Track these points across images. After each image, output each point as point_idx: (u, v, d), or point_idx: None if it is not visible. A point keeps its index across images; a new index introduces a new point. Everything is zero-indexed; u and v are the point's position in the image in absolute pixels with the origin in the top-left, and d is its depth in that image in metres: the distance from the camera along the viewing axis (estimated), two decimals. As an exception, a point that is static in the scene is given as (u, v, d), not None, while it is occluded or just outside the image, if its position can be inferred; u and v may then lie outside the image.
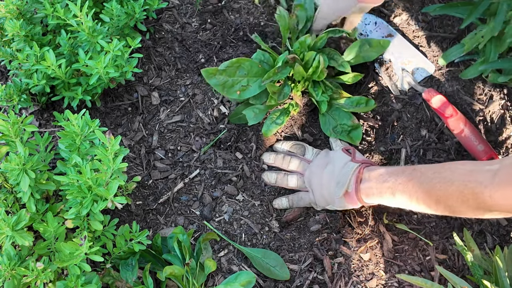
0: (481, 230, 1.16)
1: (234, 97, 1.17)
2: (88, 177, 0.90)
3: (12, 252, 0.92)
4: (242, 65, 1.17)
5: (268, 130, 1.19)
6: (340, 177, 1.08)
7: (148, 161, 1.22)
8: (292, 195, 1.17)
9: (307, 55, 1.18)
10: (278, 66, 1.15)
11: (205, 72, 1.16)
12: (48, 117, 1.25)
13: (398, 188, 0.98)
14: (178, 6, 1.39)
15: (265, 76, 1.14)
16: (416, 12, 1.36)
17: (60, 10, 1.10)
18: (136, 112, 1.27)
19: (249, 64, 1.17)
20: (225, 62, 1.16)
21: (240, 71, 1.17)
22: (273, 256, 1.13)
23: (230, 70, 1.17)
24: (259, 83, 1.18)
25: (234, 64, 1.16)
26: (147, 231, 1.04)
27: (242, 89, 1.17)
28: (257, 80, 1.18)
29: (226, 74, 1.17)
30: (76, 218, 0.97)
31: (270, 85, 1.15)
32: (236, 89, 1.17)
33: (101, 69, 1.09)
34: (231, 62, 1.16)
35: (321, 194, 1.12)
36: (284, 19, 1.23)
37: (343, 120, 1.21)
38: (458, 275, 1.11)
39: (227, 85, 1.17)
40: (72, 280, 0.90)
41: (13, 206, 1.02)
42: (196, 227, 1.17)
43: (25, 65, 1.12)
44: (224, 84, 1.17)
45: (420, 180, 0.95)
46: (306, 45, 1.20)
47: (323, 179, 1.12)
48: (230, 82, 1.17)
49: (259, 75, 1.18)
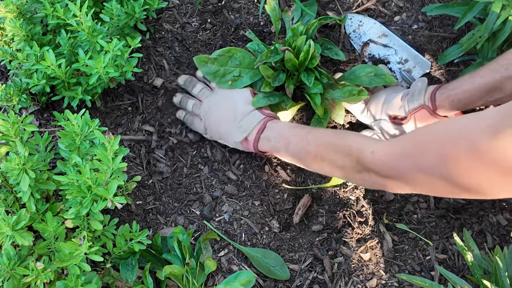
0: (481, 230, 1.16)
1: (226, 86, 1.18)
2: (88, 177, 0.90)
3: (12, 252, 0.92)
4: (235, 55, 1.17)
5: (257, 102, 1.15)
6: (243, 123, 1.11)
7: (148, 161, 1.22)
8: (189, 115, 1.22)
9: (298, 40, 1.16)
10: (271, 50, 1.15)
11: (197, 59, 1.17)
12: (48, 117, 1.25)
13: (295, 139, 1.04)
14: (178, 6, 1.38)
15: (257, 59, 1.14)
16: (416, 12, 1.36)
17: (60, 9, 1.10)
18: (136, 112, 1.27)
19: (242, 55, 1.18)
20: (217, 51, 1.17)
21: (232, 61, 1.17)
22: (273, 256, 1.13)
23: (221, 59, 1.17)
24: (251, 75, 1.18)
25: (225, 54, 1.17)
26: (147, 231, 1.04)
27: (234, 80, 1.17)
28: (249, 72, 1.18)
29: (218, 63, 1.17)
30: (76, 218, 0.97)
31: (264, 68, 1.14)
32: (227, 79, 1.18)
33: (101, 69, 1.09)
34: (223, 51, 1.16)
35: (217, 129, 1.16)
36: (275, 10, 1.23)
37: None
38: (458, 275, 1.11)
39: (218, 74, 1.17)
40: (72, 280, 0.90)
41: (13, 206, 1.02)
42: (196, 227, 1.17)
43: (25, 64, 1.12)
44: (216, 73, 1.17)
45: (317, 135, 1.02)
46: (298, 32, 1.19)
47: (222, 117, 1.15)
48: (221, 72, 1.17)
49: (251, 67, 1.18)
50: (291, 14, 1.27)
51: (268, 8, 1.24)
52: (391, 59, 1.30)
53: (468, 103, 1.07)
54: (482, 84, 1.03)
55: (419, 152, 0.81)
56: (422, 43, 1.32)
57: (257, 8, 1.37)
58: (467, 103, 1.07)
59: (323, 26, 1.34)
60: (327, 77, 1.19)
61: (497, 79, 1.01)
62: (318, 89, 1.16)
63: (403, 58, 1.29)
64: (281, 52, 1.15)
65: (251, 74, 1.18)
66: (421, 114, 1.10)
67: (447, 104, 1.08)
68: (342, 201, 1.18)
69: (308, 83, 1.15)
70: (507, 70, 0.99)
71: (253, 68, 1.17)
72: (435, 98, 1.09)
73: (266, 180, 1.21)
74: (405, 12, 1.36)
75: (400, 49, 1.30)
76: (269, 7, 1.24)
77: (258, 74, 1.18)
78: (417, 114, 1.11)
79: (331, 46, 1.22)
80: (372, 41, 1.31)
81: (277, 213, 1.18)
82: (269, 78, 1.15)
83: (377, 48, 1.31)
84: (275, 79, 1.16)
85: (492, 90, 1.02)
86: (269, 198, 1.19)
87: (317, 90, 1.16)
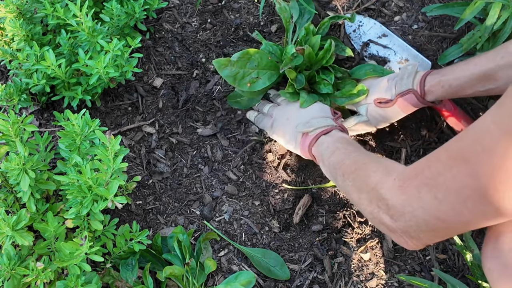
0: (481, 230, 1.16)
1: (245, 89, 1.18)
2: (88, 177, 0.90)
3: (12, 252, 0.92)
4: (252, 57, 1.17)
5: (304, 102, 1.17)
6: (313, 121, 1.08)
7: (148, 161, 1.22)
8: (261, 115, 1.23)
9: (312, 39, 1.19)
10: (292, 53, 1.16)
11: (216, 63, 1.16)
12: (48, 116, 1.25)
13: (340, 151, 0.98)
14: (178, 5, 1.38)
15: (283, 63, 1.15)
16: (416, 12, 1.36)
17: (60, 9, 1.10)
18: (136, 112, 1.27)
19: (259, 56, 1.18)
20: (237, 53, 1.17)
21: (250, 63, 1.18)
22: (273, 256, 1.13)
23: (241, 61, 1.17)
24: (268, 76, 1.18)
25: (244, 56, 1.17)
26: (147, 231, 1.04)
27: (252, 81, 1.18)
28: (267, 73, 1.18)
29: (238, 66, 1.17)
30: (76, 217, 0.97)
31: (290, 71, 1.16)
32: (246, 81, 1.18)
33: (101, 69, 1.09)
34: (242, 54, 1.17)
35: (283, 124, 1.14)
36: (286, 11, 1.24)
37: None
38: (458, 275, 1.11)
39: (238, 77, 1.17)
40: (72, 280, 0.90)
41: (13, 205, 1.02)
42: (196, 227, 1.17)
43: (25, 64, 1.12)
44: (236, 75, 1.17)
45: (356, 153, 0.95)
46: (310, 31, 1.21)
47: (292, 115, 1.14)
48: (241, 74, 1.17)
49: (268, 68, 1.18)
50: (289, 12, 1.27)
51: (278, 9, 1.24)
52: (391, 59, 1.30)
53: (459, 91, 1.04)
54: (475, 72, 1.01)
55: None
56: (422, 43, 1.32)
57: (257, 8, 1.37)
58: (457, 90, 1.04)
59: (323, 26, 1.35)
60: (340, 71, 1.21)
61: (491, 68, 0.98)
62: (328, 89, 1.18)
63: (403, 58, 1.29)
64: (297, 52, 1.16)
65: (268, 75, 1.19)
66: (408, 98, 1.08)
67: (437, 89, 1.06)
68: (342, 201, 1.18)
69: (329, 80, 1.18)
70: (503, 58, 0.97)
71: (270, 68, 1.18)
72: (425, 83, 1.07)
73: (266, 180, 1.21)
74: (405, 12, 1.36)
75: (400, 49, 1.30)
76: (279, 7, 1.24)
77: (274, 75, 1.19)
78: (403, 98, 1.08)
79: (338, 43, 1.24)
80: (372, 41, 1.31)
81: (277, 213, 1.18)
82: (293, 81, 1.16)
83: (377, 48, 1.31)
84: (296, 81, 1.18)
85: (484, 79, 1.00)
86: (269, 198, 1.19)
87: (327, 90, 1.18)
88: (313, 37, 1.19)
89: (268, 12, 1.37)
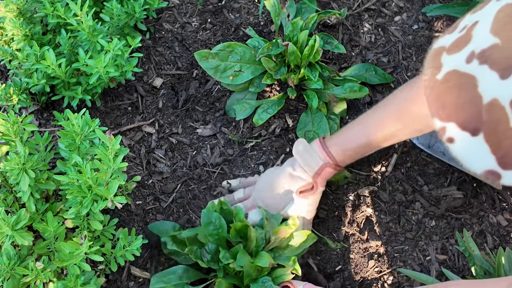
0: (481, 231, 1.16)
1: (227, 81, 1.18)
2: (88, 177, 0.90)
3: (12, 252, 0.92)
4: (235, 50, 1.17)
5: (259, 119, 1.19)
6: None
7: (148, 161, 1.22)
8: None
9: (301, 35, 1.17)
10: (272, 43, 1.15)
11: (197, 54, 1.17)
12: (48, 116, 1.25)
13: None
14: (178, 5, 1.38)
15: (259, 51, 1.14)
16: (416, 12, 1.36)
17: (60, 9, 1.10)
18: (136, 112, 1.27)
19: (242, 50, 1.18)
20: (217, 46, 1.17)
21: (232, 56, 1.18)
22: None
23: (222, 54, 1.17)
24: (252, 70, 1.19)
25: (226, 48, 1.17)
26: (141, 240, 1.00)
27: (235, 75, 1.18)
28: (250, 67, 1.19)
29: (219, 58, 1.17)
30: (76, 217, 0.97)
31: (266, 60, 1.15)
32: (228, 74, 1.18)
33: (101, 69, 1.09)
34: (223, 46, 1.17)
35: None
36: (275, 6, 1.24)
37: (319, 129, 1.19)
38: (458, 275, 1.11)
39: (219, 69, 1.18)
40: (72, 279, 0.90)
41: (13, 205, 1.02)
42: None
43: (25, 64, 1.12)
44: (217, 68, 1.18)
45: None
46: (298, 27, 1.20)
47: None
48: (222, 67, 1.18)
49: (252, 62, 1.19)
50: (286, 11, 1.27)
51: (267, 4, 1.24)
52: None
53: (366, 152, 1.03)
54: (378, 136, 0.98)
55: None
56: (422, 43, 1.32)
57: (257, 8, 1.37)
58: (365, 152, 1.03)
59: (324, 26, 1.34)
60: (328, 70, 1.20)
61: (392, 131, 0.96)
62: (318, 85, 1.17)
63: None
64: (283, 46, 1.15)
65: (252, 69, 1.18)
66: (325, 173, 1.03)
67: (345, 158, 1.03)
68: (342, 201, 1.18)
69: (313, 77, 1.16)
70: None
71: (254, 63, 1.18)
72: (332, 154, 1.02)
73: (266, 180, 1.21)
74: (405, 12, 1.36)
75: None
76: (269, 3, 1.24)
77: (258, 69, 1.19)
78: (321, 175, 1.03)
79: (331, 40, 1.23)
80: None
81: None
82: (271, 70, 1.15)
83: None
84: (277, 72, 1.17)
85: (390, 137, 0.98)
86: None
87: (317, 85, 1.17)
88: (301, 32, 1.18)
89: (268, 12, 1.37)
